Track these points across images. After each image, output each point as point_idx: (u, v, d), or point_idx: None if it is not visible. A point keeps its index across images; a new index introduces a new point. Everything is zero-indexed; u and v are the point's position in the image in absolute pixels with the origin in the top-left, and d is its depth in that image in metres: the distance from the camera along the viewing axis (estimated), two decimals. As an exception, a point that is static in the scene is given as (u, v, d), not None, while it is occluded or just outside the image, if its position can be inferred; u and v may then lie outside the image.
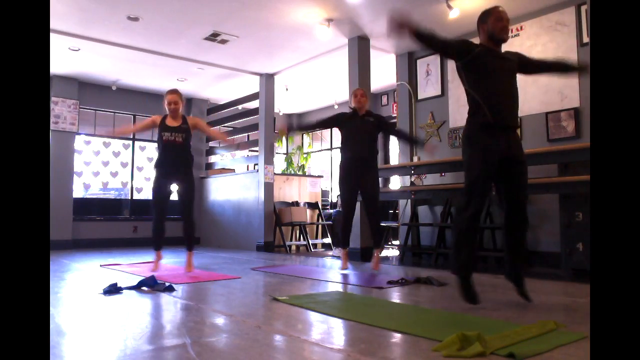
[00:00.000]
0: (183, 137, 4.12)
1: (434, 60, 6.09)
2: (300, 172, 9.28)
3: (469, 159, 2.73)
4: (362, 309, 2.77)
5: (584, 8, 4.72)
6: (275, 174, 7.38)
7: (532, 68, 2.95)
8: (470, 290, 2.63)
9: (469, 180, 2.69)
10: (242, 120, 8.29)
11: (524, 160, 2.75)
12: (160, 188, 4.09)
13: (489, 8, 2.81)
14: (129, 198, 8.37)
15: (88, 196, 8.10)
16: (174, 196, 4.35)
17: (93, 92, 7.89)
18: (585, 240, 4.09)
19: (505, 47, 2.88)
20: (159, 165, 4.13)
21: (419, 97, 6.24)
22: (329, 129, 9.09)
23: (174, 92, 4.19)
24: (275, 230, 7.18)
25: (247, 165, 8.85)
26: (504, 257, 2.90)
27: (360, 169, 4.22)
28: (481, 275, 3.88)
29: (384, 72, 7.12)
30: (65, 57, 6.60)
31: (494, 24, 2.74)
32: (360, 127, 4.30)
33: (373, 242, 4.32)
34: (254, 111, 7.74)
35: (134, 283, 3.72)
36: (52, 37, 5.70)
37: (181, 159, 4.14)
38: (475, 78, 2.73)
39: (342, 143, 4.45)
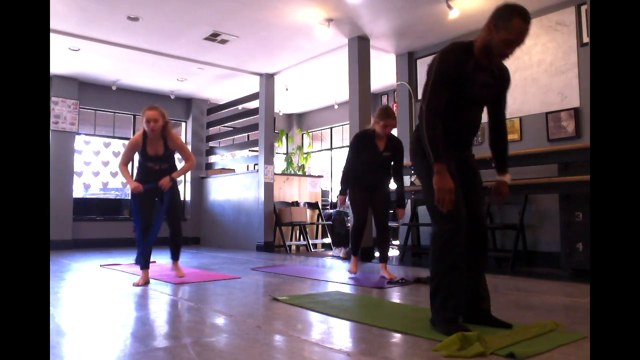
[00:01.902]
0: (168, 164, 3.81)
1: (434, 60, 6.08)
2: (300, 172, 9.28)
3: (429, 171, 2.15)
4: (362, 309, 2.77)
5: (584, 8, 4.72)
6: (275, 174, 7.38)
7: (493, 112, 2.33)
8: (460, 326, 2.03)
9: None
10: (242, 120, 8.29)
11: (479, 172, 2.34)
12: (143, 196, 3.72)
13: (516, 14, 2.00)
14: (129, 198, 8.36)
15: (88, 196, 8.10)
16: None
17: (93, 92, 7.89)
18: (585, 240, 4.09)
19: None
20: (141, 181, 3.76)
21: (419, 97, 6.24)
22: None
23: (154, 107, 3.70)
24: (275, 230, 7.18)
25: (247, 165, 8.85)
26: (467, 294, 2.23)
27: (371, 190, 4.06)
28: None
29: (384, 72, 7.13)
30: (65, 57, 6.60)
31: (501, 43, 2.04)
32: (378, 162, 4.00)
33: (380, 257, 4.16)
34: (254, 111, 7.74)
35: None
36: (52, 37, 5.70)
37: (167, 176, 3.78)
38: (447, 103, 2.14)
39: (357, 172, 4.05)
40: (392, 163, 4.06)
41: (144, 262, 3.74)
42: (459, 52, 2.14)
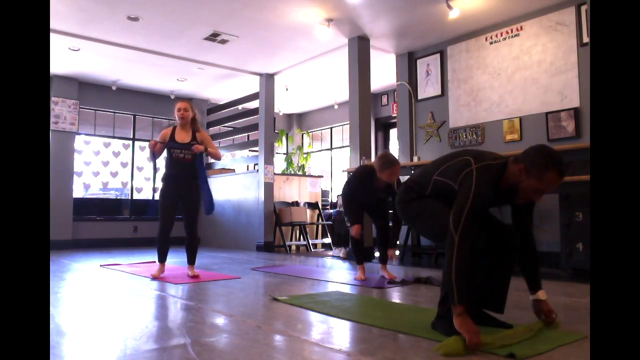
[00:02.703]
0: (193, 155, 4.02)
1: (434, 60, 6.09)
2: (300, 172, 9.28)
3: (420, 205, 2.21)
4: (362, 309, 2.77)
5: (584, 8, 4.72)
6: (275, 174, 7.38)
7: (518, 219, 2.25)
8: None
9: (435, 214, 2.14)
10: (242, 120, 8.28)
11: None
12: (169, 198, 3.98)
13: (551, 166, 1.94)
14: (129, 198, 8.37)
15: (88, 196, 8.10)
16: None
17: (93, 92, 7.89)
18: (585, 240, 4.09)
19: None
20: (167, 179, 4.02)
21: (419, 97, 6.24)
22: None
23: (185, 100, 4.20)
24: (275, 230, 7.18)
25: (247, 165, 8.84)
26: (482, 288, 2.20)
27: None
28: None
29: (384, 72, 7.12)
30: (65, 57, 6.59)
31: (530, 190, 1.99)
32: (372, 201, 3.95)
33: (380, 257, 4.11)
34: (254, 111, 7.74)
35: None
36: (52, 37, 5.70)
37: (189, 174, 4.02)
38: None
39: (353, 191, 3.94)
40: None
41: (161, 256, 4.06)
42: (493, 178, 2.05)
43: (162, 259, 4.07)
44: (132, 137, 8.46)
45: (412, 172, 5.78)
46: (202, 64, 6.86)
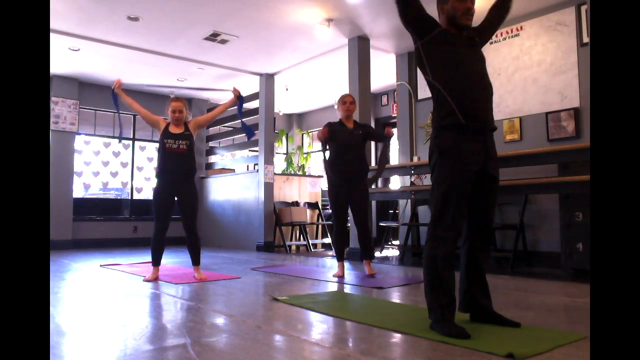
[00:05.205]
0: (187, 145, 3.94)
1: (434, 60, 6.08)
2: (300, 172, 9.28)
3: (442, 173, 2.17)
4: (362, 309, 2.77)
5: (584, 8, 4.72)
6: (275, 174, 7.38)
7: (486, 27, 2.40)
8: (457, 327, 2.03)
9: (446, 200, 2.12)
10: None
11: (498, 177, 2.27)
12: (163, 198, 3.88)
13: None
14: (129, 198, 8.37)
15: (88, 196, 8.10)
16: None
17: (93, 92, 7.89)
18: (585, 240, 4.09)
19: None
20: (161, 174, 3.91)
21: (419, 97, 6.24)
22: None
23: (179, 99, 4.09)
24: (275, 230, 7.18)
25: (247, 165, 8.85)
26: (464, 292, 2.27)
27: (349, 186, 4.05)
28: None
29: (384, 72, 7.12)
30: (65, 57, 6.59)
31: (454, 3, 2.23)
32: (350, 143, 4.06)
33: (362, 253, 4.14)
34: (254, 111, 7.74)
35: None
36: (52, 37, 5.70)
37: (184, 168, 3.92)
38: (439, 65, 2.22)
39: (331, 158, 4.13)
40: (372, 138, 4.31)
41: (155, 259, 3.95)
42: (443, 38, 2.29)
43: (156, 262, 3.93)
44: (132, 137, 8.46)
45: (412, 172, 5.78)
46: (202, 64, 6.86)
